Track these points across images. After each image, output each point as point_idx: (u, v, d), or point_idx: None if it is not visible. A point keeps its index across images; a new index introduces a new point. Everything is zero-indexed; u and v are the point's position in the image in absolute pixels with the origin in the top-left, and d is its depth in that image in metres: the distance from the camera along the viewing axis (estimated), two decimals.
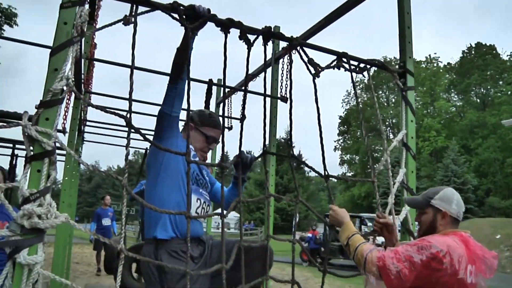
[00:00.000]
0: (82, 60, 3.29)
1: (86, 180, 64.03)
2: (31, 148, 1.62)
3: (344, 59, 2.28)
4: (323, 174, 2.24)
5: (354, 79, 2.34)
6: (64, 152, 3.61)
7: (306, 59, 2.14)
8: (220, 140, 2.13)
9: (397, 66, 2.67)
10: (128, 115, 1.81)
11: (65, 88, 1.68)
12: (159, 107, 2.29)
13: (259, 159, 2.37)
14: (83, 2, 1.83)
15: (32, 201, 1.54)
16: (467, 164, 38.77)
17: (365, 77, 2.41)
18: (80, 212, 55.80)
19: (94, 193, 60.33)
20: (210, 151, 2.69)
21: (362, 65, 2.38)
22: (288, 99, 2.27)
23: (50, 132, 1.62)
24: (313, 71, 2.17)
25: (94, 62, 4.07)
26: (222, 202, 2.05)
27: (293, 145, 2.24)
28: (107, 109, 1.85)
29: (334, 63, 2.26)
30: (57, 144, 1.67)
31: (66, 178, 3.85)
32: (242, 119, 2.20)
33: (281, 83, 3.77)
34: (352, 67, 2.31)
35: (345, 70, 2.29)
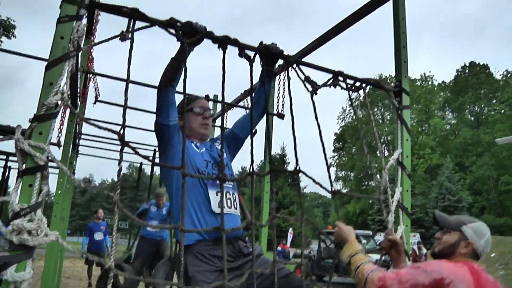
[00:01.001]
0: (79, 74, 3.29)
1: (80, 193, 63.60)
2: (23, 162, 1.60)
3: (340, 78, 2.29)
4: (330, 190, 2.20)
5: (351, 98, 2.35)
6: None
7: (303, 76, 2.14)
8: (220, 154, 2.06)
9: (392, 84, 2.68)
10: (122, 131, 1.79)
11: (59, 102, 1.67)
12: (155, 119, 2.25)
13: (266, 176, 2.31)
14: (81, 17, 1.83)
15: (23, 216, 1.52)
16: (461, 182, 38.92)
17: (360, 95, 2.41)
18: (73, 225, 55.39)
19: (88, 206, 59.87)
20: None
21: (358, 83, 2.39)
22: (290, 115, 2.22)
23: (43, 146, 1.60)
24: (310, 89, 2.17)
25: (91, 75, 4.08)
26: (221, 213, 1.98)
27: (298, 161, 2.17)
28: (101, 126, 1.83)
29: (331, 81, 2.26)
30: (50, 158, 1.65)
31: (59, 191, 3.82)
32: (253, 134, 2.15)
33: (278, 100, 3.78)
34: (348, 85, 2.32)
35: (341, 89, 2.29)
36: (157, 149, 6.23)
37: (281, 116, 3.66)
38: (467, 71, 50.24)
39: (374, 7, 2.95)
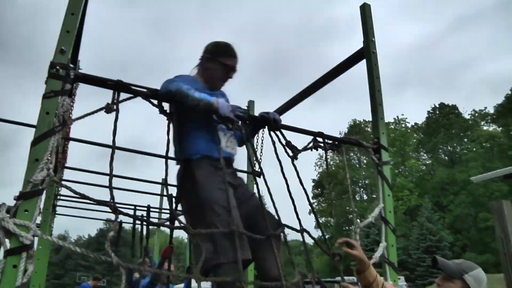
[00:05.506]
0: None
1: (54, 251, 61.01)
2: (8, 241, 1.57)
3: (320, 139, 2.36)
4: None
5: (327, 157, 2.42)
6: None
7: (284, 142, 2.20)
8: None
9: (370, 133, 2.77)
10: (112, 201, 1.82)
11: (46, 178, 1.67)
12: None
13: None
14: (66, 92, 1.86)
15: None
16: (441, 221, 39.09)
17: (340, 154, 2.47)
18: (47, 285, 52.83)
19: (63, 264, 57.29)
20: None
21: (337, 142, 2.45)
22: (282, 177, 2.27)
23: (29, 224, 1.58)
24: (291, 154, 2.23)
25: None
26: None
27: (300, 221, 2.21)
28: (90, 198, 1.83)
29: (311, 144, 2.33)
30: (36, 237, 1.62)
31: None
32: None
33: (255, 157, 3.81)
34: (327, 145, 2.39)
35: (322, 149, 2.36)
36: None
37: (258, 174, 3.70)
38: (437, 112, 51.85)
39: (348, 66, 3.09)
